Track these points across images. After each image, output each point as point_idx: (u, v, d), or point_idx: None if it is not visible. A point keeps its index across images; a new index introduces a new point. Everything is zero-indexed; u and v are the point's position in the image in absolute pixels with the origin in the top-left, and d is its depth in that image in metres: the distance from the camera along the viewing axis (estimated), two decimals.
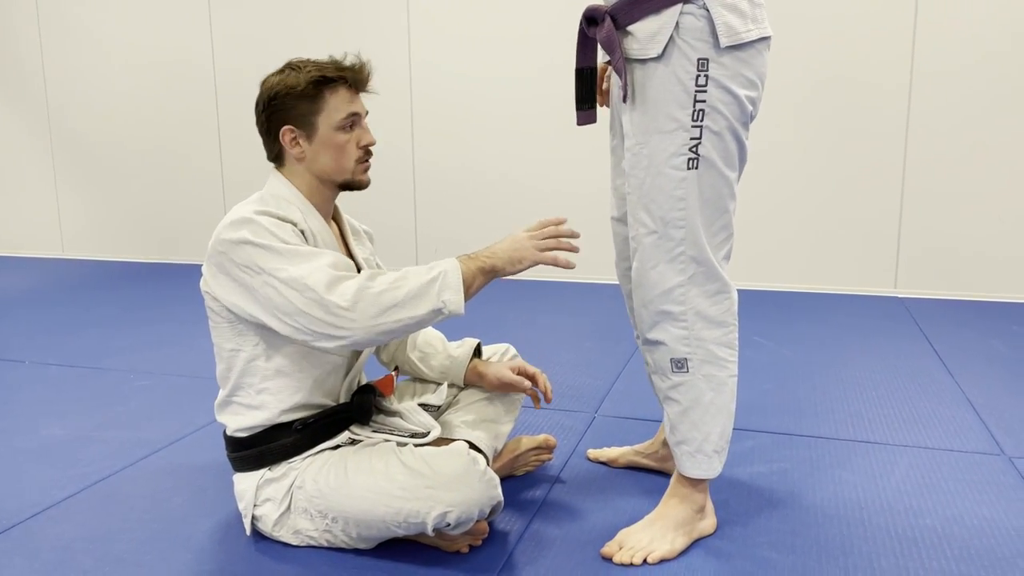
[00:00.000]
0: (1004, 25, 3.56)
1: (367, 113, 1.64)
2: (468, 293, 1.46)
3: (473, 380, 1.83)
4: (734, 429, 2.14)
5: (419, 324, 1.44)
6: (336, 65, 1.57)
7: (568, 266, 1.50)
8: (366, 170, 1.64)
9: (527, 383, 1.78)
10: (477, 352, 1.88)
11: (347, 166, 1.60)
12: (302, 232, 1.54)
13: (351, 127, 1.59)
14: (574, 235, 1.52)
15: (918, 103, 3.71)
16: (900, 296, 3.84)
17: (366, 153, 1.63)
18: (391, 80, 4.46)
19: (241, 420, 1.60)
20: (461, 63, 4.35)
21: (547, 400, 1.81)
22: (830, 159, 3.87)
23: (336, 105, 1.56)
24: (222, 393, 1.64)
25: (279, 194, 1.59)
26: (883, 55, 3.71)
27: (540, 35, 4.17)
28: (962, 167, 3.71)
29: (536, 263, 1.50)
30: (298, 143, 1.58)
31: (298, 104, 1.55)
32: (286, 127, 1.57)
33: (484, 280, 1.50)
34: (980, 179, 3.69)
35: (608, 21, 1.48)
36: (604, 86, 1.72)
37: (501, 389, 1.81)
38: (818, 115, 3.85)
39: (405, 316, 1.42)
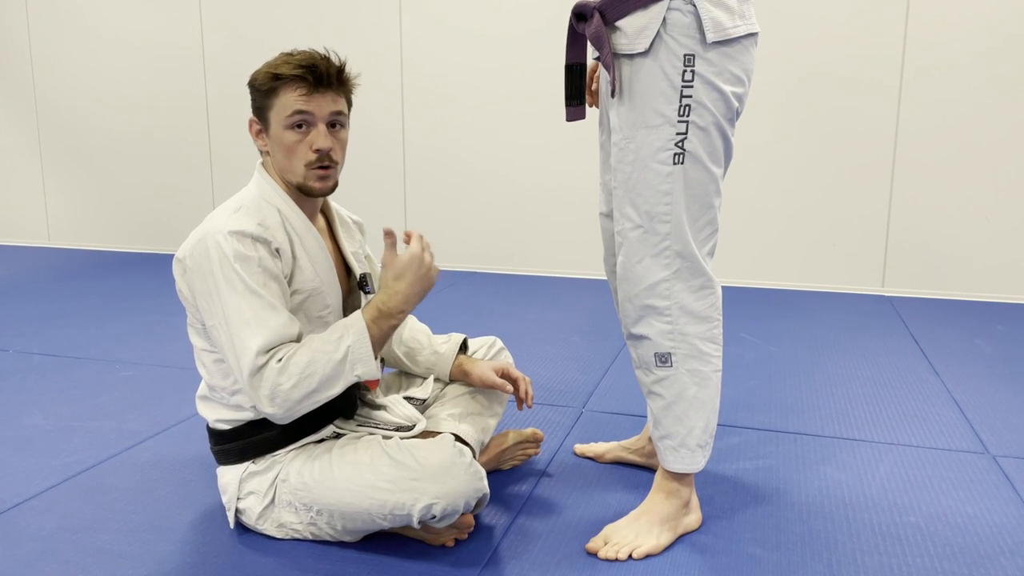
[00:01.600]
0: (995, 25, 3.57)
1: (337, 114, 1.53)
2: (378, 351, 1.51)
3: (458, 377, 1.82)
4: (720, 425, 2.16)
5: (335, 395, 1.49)
6: (300, 60, 1.49)
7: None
8: (321, 178, 1.54)
9: (510, 387, 1.76)
10: (464, 347, 1.87)
11: (295, 168, 1.53)
12: (277, 250, 1.50)
13: (301, 127, 1.51)
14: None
15: (908, 103, 3.72)
16: (887, 295, 3.86)
17: (320, 159, 1.52)
18: (382, 69, 4.45)
19: (221, 414, 1.60)
20: (453, 53, 4.34)
21: (528, 406, 1.81)
22: (819, 158, 3.88)
23: (286, 102, 1.49)
24: (202, 387, 1.64)
25: (262, 193, 1.57)
26: (874, 54, 3.72)
27: (533, 30, 4.16)
28: (950, 168, 3.72)
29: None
30: (261, 136, 1.58)
31: (256, 97, 1.55)
32: (251, 118, 1.59)
33: (394, 330, 1.53)
34: (968, 180, 3.71)
35: (597, 17, 1.48)
36: (594, 87, 1.72)
37: (485, 387, 1.81)
38: (807, 114, 3.85)
39: (321, 397, 1.47)
